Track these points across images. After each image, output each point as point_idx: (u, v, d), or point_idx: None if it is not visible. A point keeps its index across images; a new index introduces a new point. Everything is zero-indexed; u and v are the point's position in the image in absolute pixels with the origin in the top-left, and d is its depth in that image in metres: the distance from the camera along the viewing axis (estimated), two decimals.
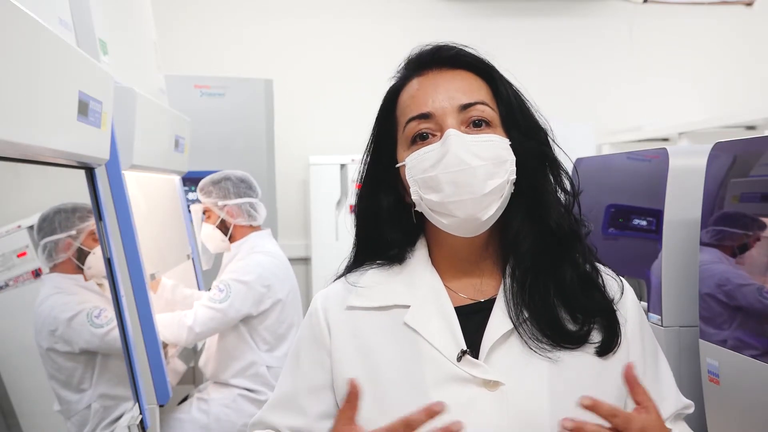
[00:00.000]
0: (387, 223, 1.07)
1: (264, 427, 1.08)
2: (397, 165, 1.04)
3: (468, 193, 0.96)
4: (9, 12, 1.06)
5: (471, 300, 1.04)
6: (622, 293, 1.05)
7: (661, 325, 1.98)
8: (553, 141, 1.06)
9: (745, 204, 1.75)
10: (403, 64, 1.08)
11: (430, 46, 1.06)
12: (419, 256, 1.07)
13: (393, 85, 1.08)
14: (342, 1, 5.00)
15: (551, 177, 1.04)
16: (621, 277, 1.09)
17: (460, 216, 0.97)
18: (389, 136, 1.06)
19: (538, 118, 1.05)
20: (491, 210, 0.97)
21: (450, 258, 1.06)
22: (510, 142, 1.00)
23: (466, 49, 1.05)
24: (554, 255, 1.01)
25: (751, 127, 4.07)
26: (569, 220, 1.04)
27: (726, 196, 1.79)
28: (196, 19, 4.82)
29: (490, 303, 1.02)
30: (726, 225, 1.76)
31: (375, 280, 1.07)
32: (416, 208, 1.02)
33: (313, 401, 1.05)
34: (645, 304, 2.08)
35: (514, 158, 0.99)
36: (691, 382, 1.92)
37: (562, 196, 1.05)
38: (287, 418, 1.06)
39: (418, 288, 1.04)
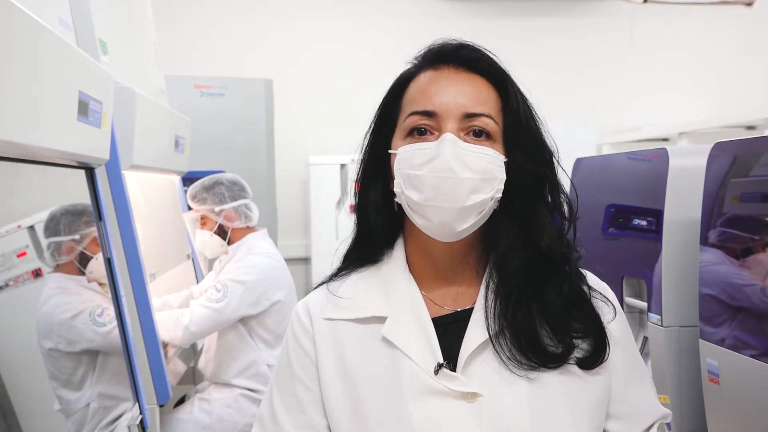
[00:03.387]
0: (373, 206, 1.05)
1: None
2: (390, 151, 1.02)
3: (448, 202, 0.95)
4: (9, 12, 1.06)
5: (449, 310, 1.03)
6: (615, 316, 1.04)
7: (661, 325, 1.98)
8: (558, 163, 1.04)
9: (745, 204, 1.75)
10: (422, 52, 1.06)
11: (454, 42, 1.04)
12: (396, 258, 1.06)
13: (406, 71, 1.06)
14: (342, 0, 5.00)
15: (550, 199, 1.02)
16: (613, 300, 1.07)
17: (435, 221, 0.96)
18: (390, 120, 1.04)
19: (545, 138, 1.03)
20: (467, 223, 0.96)
21: (428, 262, 1.05)
22: (506, 160, 0.98)
23: (488, 55, 1.03)
24: (541, 275, 1.00)
25: (751, 127, 4.07)
26: (561, 244, 1.02)
27: (726, 197, 1.79)
28: (195, 19, 4.83)
29: (468, 313, 1.01)
30: (732, 227, 1.76)
31: (353, 289, 1.05)
32: (397, 199, 1.01)
33: (321, 415, 1.03)
34: (645, 304, 2.08)
35: (504, 177, 0.98)
36: (691, 382, 1.92)
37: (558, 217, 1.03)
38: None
39: (395, 298, 1.03)
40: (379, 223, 1.05)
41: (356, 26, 4.97)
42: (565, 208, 1.04)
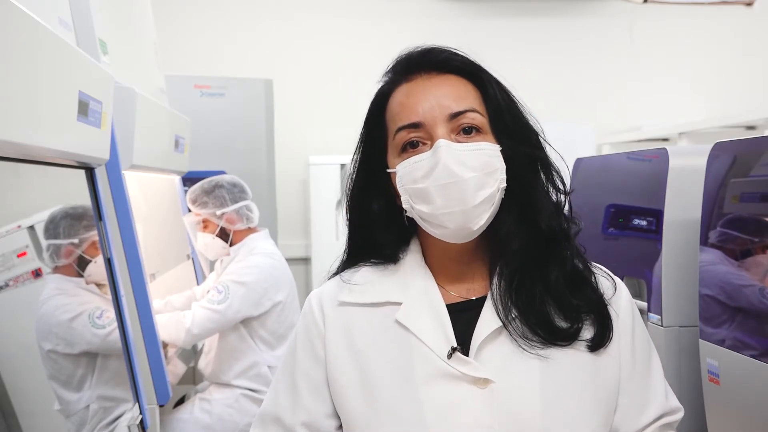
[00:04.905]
0: (379, 226, 1.07)
1: (278, 425, 1.07)
2: (388, 171, 1.04)
3: (459, 205, 0.96)
4: (9, 12, 1.06)
5: (462, 298, 1.05)
6: (615, 291, 1.05)
7: (661, 325, 1.98)
8: (545, 141, 1.05)
9: (745, 204, 1.75)
10: (391, 66, 1.07)
11: (420, 49, 1.05)
12: (413, 256, 1.08)
13: (381, 89, 1.07)
14: (342, 0, 5.00)
15: (543, 177, 1.04)
16: (615, 276, 1.08)
17: (451, 227, 0.97)
18: (379, 140, 1.05)
19: (528, 119, 1.05)
20: (482, 220, 0.98)
21: (441, 259, 1.07)
22: (500, 148, 1.00)
23: (456, 53, 1.04)
24: (542, 255, 1.01)
25: (751, 127, 4.07)
26: (560, 221, 1.04)
27: (726, 197, 1.79)
28: (195, 19, 4.82)
29: (480, 301, 1.03)
30: (732, 228, 1.76)
31: (368, 277, 1.07)
32: (407, 214, 1.02)
33: (317, 402, 1.05)
34: (645, 304, 2.08)
35: (504, 166, 0.99)
36: (691, 382, 1.92)
37: (554, 195, 1.05)
38: (297, 415, 1.06)
39: (411, 286, 1.04)
40: (389, 238, 1.07)
41: (356, 26, 4.97)
42: (558, 182, 1.05)
